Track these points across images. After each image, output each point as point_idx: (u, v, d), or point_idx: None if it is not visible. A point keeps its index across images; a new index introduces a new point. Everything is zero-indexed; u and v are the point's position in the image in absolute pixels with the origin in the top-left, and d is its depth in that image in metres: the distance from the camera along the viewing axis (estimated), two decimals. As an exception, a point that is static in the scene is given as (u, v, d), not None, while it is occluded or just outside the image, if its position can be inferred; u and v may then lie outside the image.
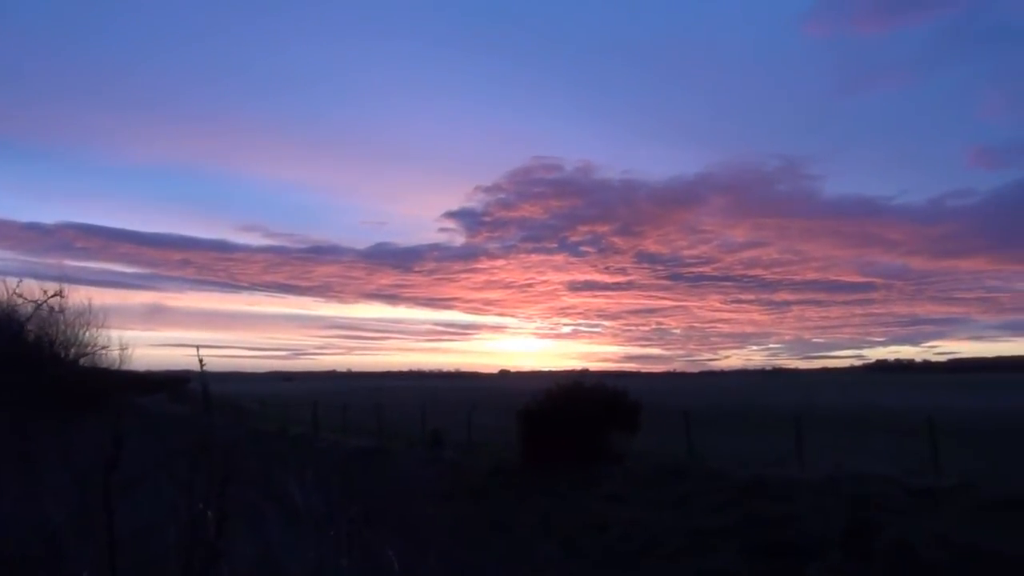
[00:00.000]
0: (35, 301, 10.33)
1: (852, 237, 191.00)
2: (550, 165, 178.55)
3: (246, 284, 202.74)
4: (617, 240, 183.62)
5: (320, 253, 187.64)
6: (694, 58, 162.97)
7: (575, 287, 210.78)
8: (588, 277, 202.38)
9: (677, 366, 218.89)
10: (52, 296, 10.32)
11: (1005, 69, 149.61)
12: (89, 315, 18.12)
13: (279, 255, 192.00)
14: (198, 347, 3.69)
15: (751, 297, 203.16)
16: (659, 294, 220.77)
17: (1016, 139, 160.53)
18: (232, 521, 3.61)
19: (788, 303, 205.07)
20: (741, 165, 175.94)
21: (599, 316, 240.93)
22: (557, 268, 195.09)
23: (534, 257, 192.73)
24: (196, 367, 3.86)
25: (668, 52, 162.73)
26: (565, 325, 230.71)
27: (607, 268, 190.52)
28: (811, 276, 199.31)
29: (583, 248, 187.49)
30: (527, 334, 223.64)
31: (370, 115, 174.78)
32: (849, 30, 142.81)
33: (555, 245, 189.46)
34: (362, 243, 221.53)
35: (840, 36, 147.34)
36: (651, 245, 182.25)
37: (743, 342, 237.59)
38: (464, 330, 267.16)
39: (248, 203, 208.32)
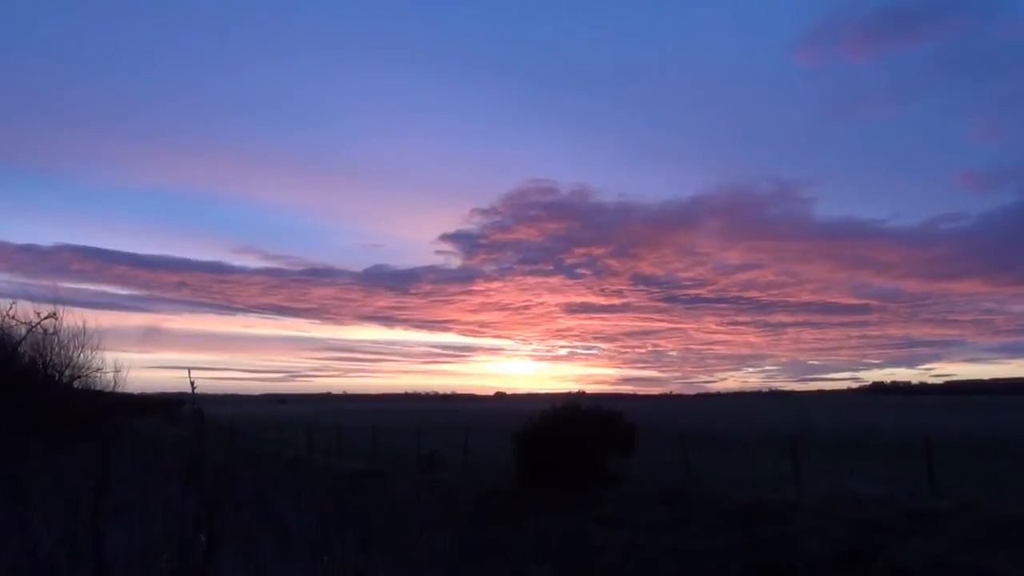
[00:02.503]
0: (28, 323, 10.28)
1: (846, 259, 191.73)
2: (546, 188, 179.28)
3: (242, 306, 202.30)
4: (613, 262, 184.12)
5: (316, 275, 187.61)
6: (688, 84, 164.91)
7: (571, 309, 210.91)
8: (584, 299, 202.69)
9: (673, 388, 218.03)
10: (46, 318, 10.27)
11: (994, 94, 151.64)
12: (83, 337, 18.04)
13: (275, 277, 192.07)
14: (189, 369, 3.69)
15: (747, 319, 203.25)
16: (655, 316, 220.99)
17: (1006, 163, 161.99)
18: (225, 545, 3.58)
19: (784, 325, 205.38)
20: (735, 188, 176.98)
21: (595, 338, 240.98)
22: (553, 290, 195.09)
23: (530, 279, 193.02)
24: (190, 389, 3.86)
25: (663, 78, 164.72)
26: (561, 347, 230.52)
27: (603, 290, 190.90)
28: (806, 298, 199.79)
29: (579, 270, 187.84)
30: (523, 356, 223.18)
31: (366, 138, 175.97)
32: (839, 57, 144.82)
33: (551, 267, 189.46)
34: (358, 265, 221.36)
35: (830, 63, 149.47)
36: (647, 267, 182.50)
37: (739, 364, 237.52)
38: (460, 352, 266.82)
39: (244, 226, 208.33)
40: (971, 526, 9.25)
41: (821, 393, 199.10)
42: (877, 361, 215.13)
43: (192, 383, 3.52)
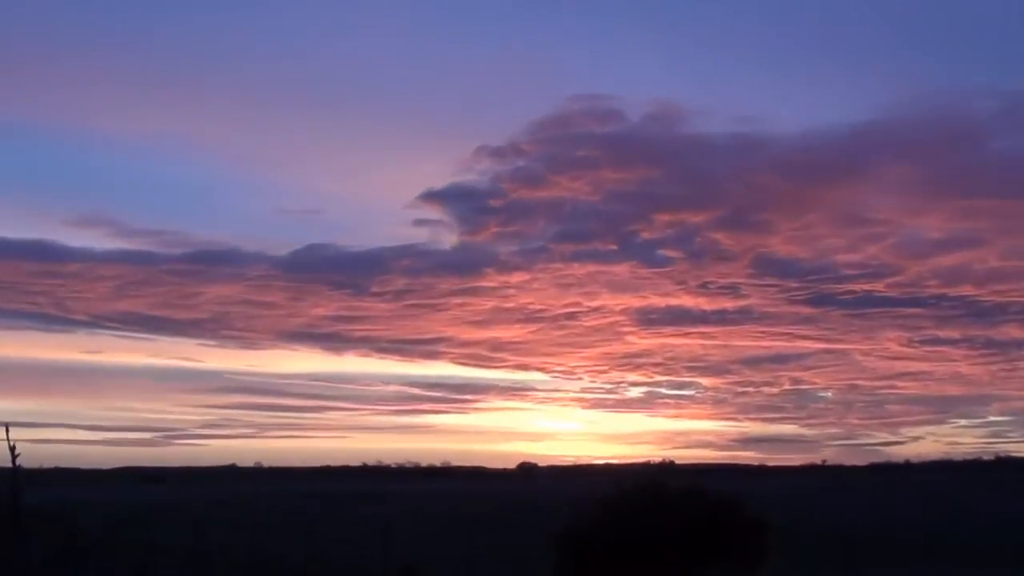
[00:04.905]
0: None
1: None
2: (603, 110, 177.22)
3: (84, 317, 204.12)
4: (722, 238, 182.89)
5: (210, 263, 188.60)
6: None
7: (649, 319, 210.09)
8: (672, 302, 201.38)
9: (829, 455, 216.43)
10: None
11: None
12: None
13: (140, 267, 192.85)
14: (8, 425, 3.75)
15: (955, 335, 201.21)
16: (795, 330, 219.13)
17: None
18: None
19: (1021, 344, 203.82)
20: (932, 110, 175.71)
21: (691, 369, 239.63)
22: (618, 287, 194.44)
23: (578, 268, 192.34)
24: (10, 459, 3.92)
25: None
26: (632, 385, 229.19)
27: (705, 287, 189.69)
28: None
29: (663, 252, 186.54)
30: (567, 401, 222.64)
31: (296, 38, 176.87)
32: None
33: (614, 247, 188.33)
34: (282, 246, 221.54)
35: None
36: (780, 246, 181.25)
37: (943, 412, 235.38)
38: (457, 395, 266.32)
39: (87, 182, 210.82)
40: None
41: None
42: None
43: (13, 448, 3.60)
